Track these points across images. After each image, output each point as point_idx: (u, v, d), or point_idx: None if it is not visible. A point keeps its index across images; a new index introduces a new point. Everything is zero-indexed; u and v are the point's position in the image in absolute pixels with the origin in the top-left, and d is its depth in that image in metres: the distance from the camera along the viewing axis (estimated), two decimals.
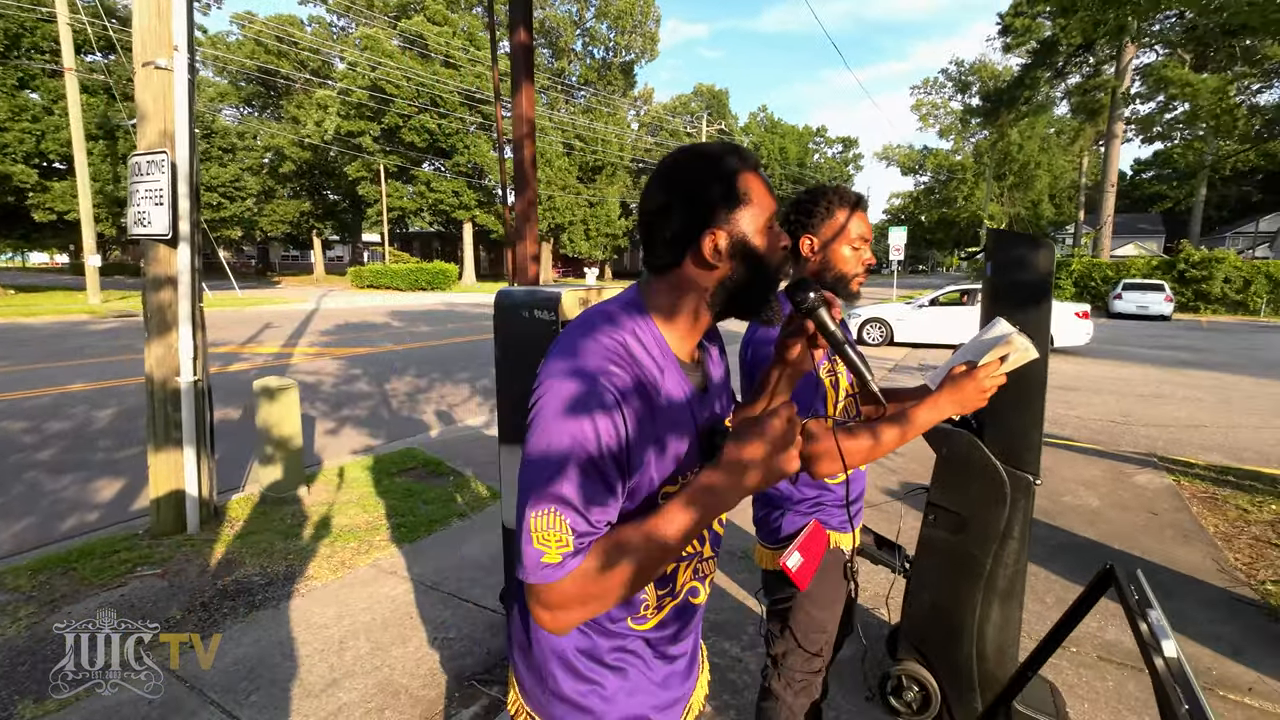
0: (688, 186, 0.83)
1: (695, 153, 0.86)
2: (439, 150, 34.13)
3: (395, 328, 14.65)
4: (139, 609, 2.77)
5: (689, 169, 0.84)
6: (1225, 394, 8.26)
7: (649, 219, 0.86)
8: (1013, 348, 1.28)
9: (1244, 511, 4.10)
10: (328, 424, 6.28)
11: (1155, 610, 1.22)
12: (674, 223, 0.83)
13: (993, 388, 1.29)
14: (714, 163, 0.83)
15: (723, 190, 0.82)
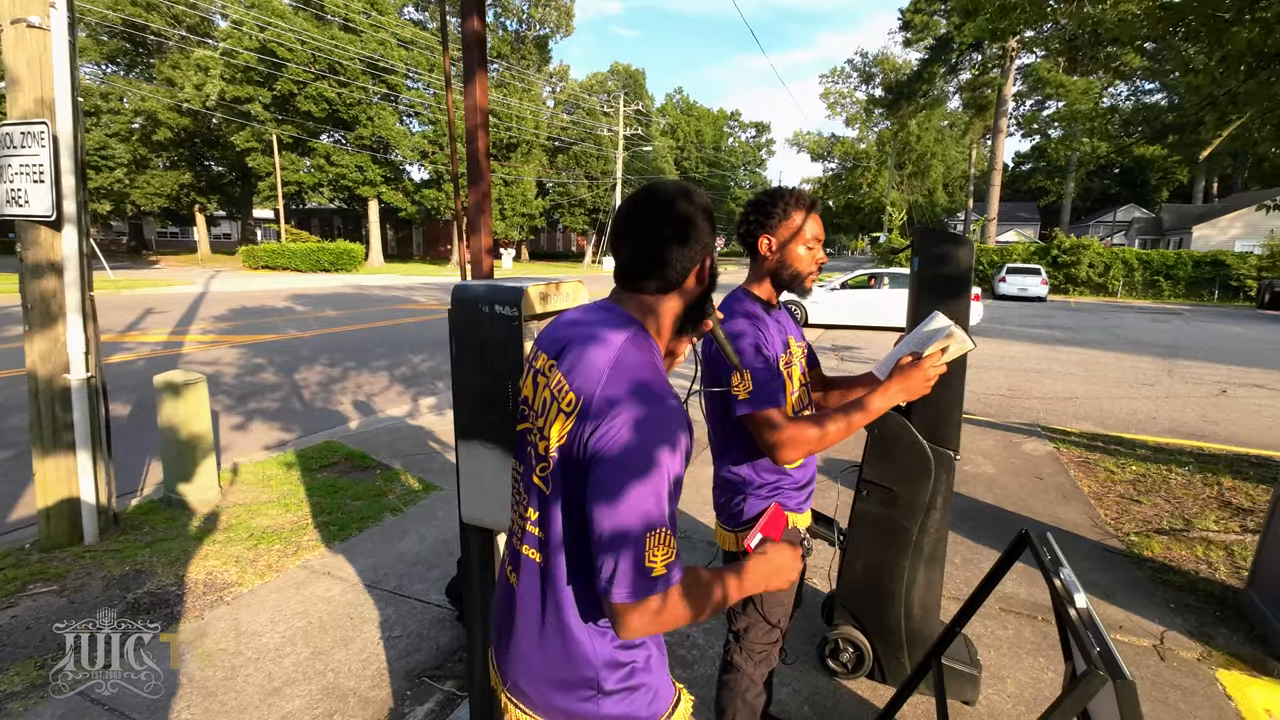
0: (704, 218, 0.99)
1: (687, 195, 1.00)
2: (340, 122, 31.94)
3: (299, 312, 13.74)
4: (35, 631, 2.51)
5: (697, 207, 0.98)
6: (1092, 369, 9.29)
7: (657, 245, 0.97)
8: (953, 340, 1.41)
9: (1111, 473, 4.68)
10: (234, 418, 5.85)
11: (1066, 569, 1.40)
12: (691, 249, 0.98)
13: (935, 376, 1.42)
14: (703, 207, 1.00)
15: (710, 226, 1.00)
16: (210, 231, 42.54)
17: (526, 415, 1.05)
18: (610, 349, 0.93)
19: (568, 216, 43.70)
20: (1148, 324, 15.59)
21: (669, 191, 0.99)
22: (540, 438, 0.97)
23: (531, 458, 1.00)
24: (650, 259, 0.98)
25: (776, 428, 1.37)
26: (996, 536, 3.59)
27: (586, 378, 0.91)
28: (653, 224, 0.97)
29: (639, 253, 0.98)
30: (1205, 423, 6.38)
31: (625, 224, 1.00)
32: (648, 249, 0.98)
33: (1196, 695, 2.38)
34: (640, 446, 0.85)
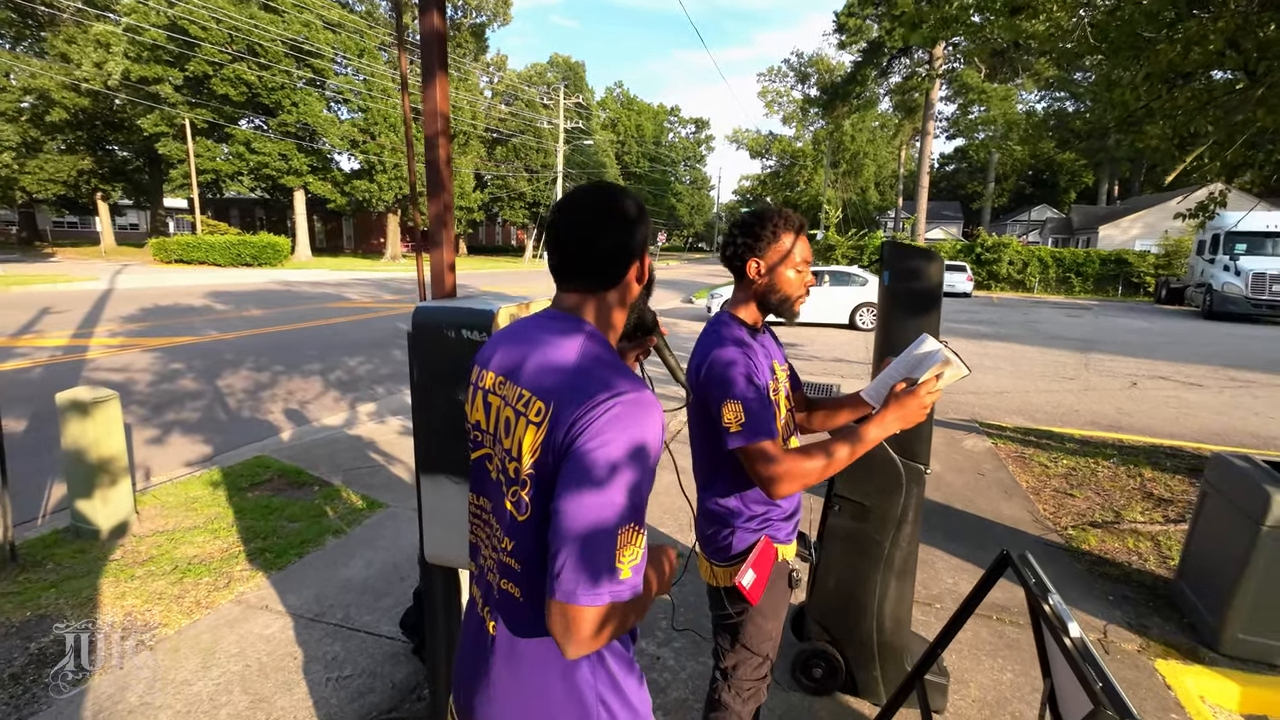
0: (639, 215, 0.98)
1: (624, 193, 1.00)
2: (261, 107, 30.11)
3: (220, 311, 12.86)
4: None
5: (633, 205, 0.98)
6: (1018, 363, 9.82)
7: (596, 242, 0.96)
8: (949, 366, 1.38)
9: (1045, 467, 4.92)
10: (149, 431, 5.38)
11: (1054, 594, 1.40)
12: (628, 245, 0.96)
13: (931, 403, 1.39)
14: (638, 205, 0.99)
15: (645, 224, 1.00)
16: (115, 222, 39.31)
17: (481, 441, 1.00)
18: (569, 349, 0.91)
19: (507, 210, 42.85)
20: (1063, 318, 16.65)
21: (604, 189, 0.99)
22: (510, 459, 0.90)
23: (500, 484, 0.93)
24: (590, 256, 0.96)
25: (772, 461, 1.31)
26: (949, 536, 3.69)
27: (552, 381, 0.88)
28: (591, 220, 0.96)
29: (579, 250, 0.96)
30: (1121, 414, 6.83)
31: (564, 222, 0.97)
32: (587, 246, 0.96)
33: (1140, 687, 2.50)
34: (619, 439, 0.81)
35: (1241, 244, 16.96)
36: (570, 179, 43.15)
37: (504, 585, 0.93)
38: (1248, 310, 16.05)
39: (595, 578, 0.77)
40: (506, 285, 22.31)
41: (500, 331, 1.06)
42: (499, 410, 0.94)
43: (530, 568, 0.89)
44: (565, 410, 0.84)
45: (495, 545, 0.95)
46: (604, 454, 0.80)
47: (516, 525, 0.89)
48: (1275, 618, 2.60)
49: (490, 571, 0.97)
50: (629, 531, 0.80)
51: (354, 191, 33.53)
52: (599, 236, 0.95)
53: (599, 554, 0.78)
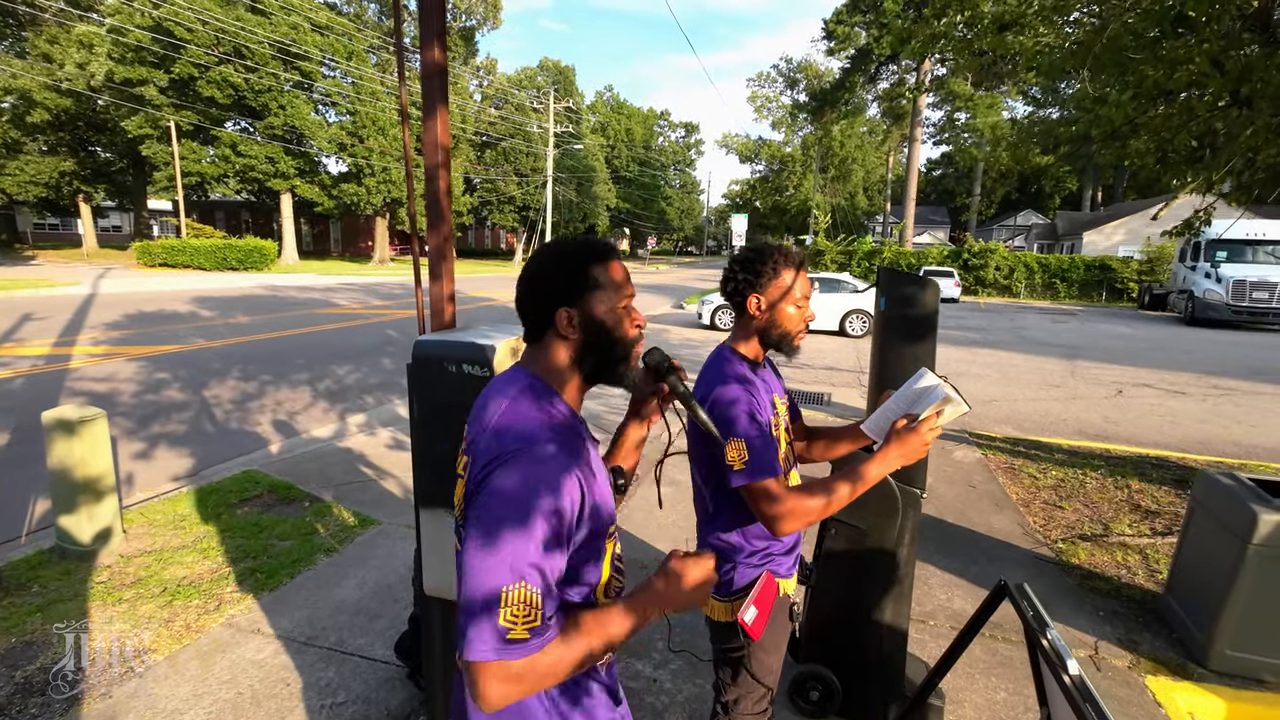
0: (556, 267, 1.02)
1: (554, 244, 1.04)
2: (248, 109, 29.84)
3: (206, 318, 12.71)
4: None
5: (555, 253, 1.03)
6: (1004, 370, 9.92)
7: (523, 297, 1.03)
8: (949, 403, 1.39)
9: (1034, 479, 4.97)
10: (135, 445, 5.30)
11: (1052, 629, 1.42)
12: (546, 297, 1.00)
13: (932, 440, 1.40)
14: (570, 255, 1.02)
15: (568, 277, 1.00)
16: (97, 224, 38.73)
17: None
18: (500, 403, 0.95)
19: (496, 214, 42.72)
20: (1049, 325, 16.85)
21: (544, 248, 1.05)
22: (457, 509, 0.97)
23: (459, 529, 0.98)
24: (522, 310, 1.04)
25: (776, 500, 1.32)
26: (942, 551, 3.72)
27: (476, 436, 0.93)
28: (522, 278, 1.03)
29: (517, 303, 1.04)
30: (1108, 423, 6.92)
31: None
32: (520, 301, 1.03)
33: (1132, 704, 2.52)
34: (504, 498, 0.83)
35: (1222, 251, 17.26)
36: (559, 183, 43.12)
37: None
38: (1228, 317, 16.32)
39: (481, 635, 0.78)
40: (496, 290, 22.23)
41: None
42: (461, 464, 1.00)
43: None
44: (473, 466, 0.90)
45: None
46: (487, 511, 0.82)
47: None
48: (1262, 634, 2.63)
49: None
50: (515, 590, 0.79)
51: (341, 195, 33.29)
52: (522, 289, 1.02)
53: (484, 612, 0.79)
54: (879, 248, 27.52)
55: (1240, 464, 5.49)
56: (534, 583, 0.81)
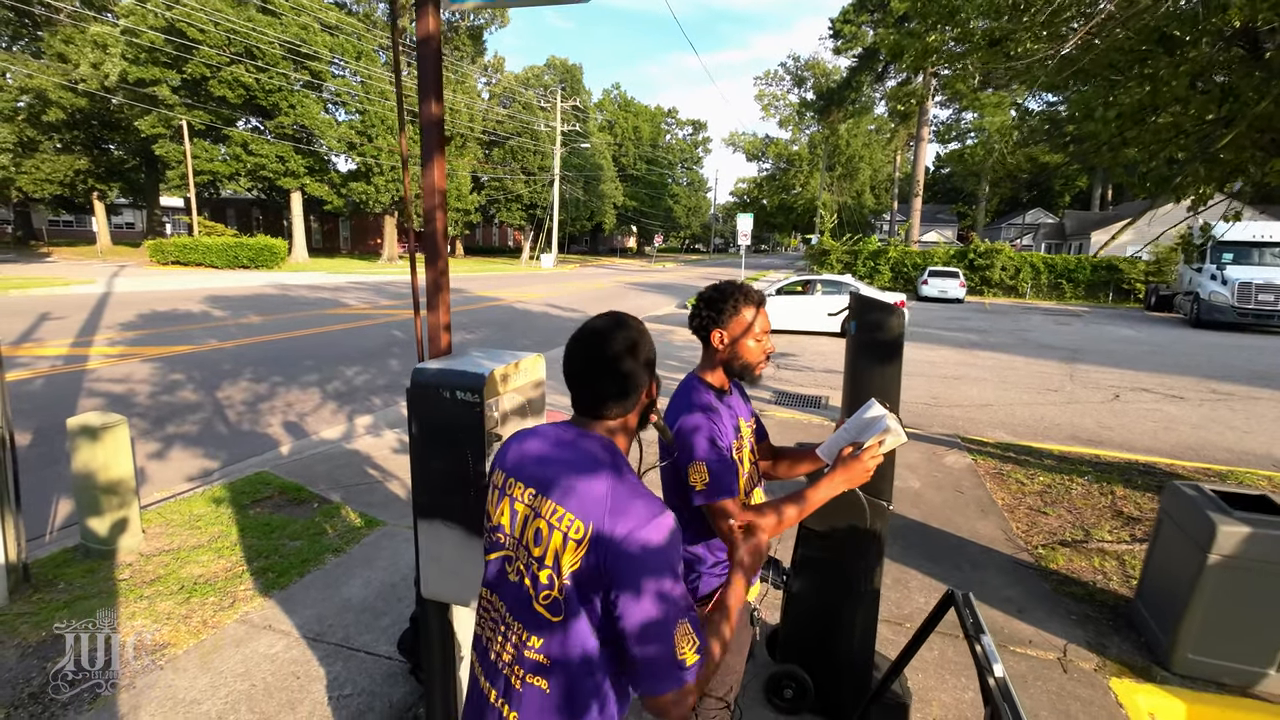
0: (648, 350, 1.18)
1: (634, 330, 1.17)
2: (258, 109, 30.16)
3: (218, 318, 12.96)
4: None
5: (644, 342, 1.17)
6: (1004, 374, 10.00)
7: (621, 384, 1.12)
8: (889, 434, 1.54)
9: (1021, 484, 5.09)
10: (152, 445, 5.51)
11: (986, 636, 1.56)
12: (643, 379, 1.16)
13: (874, 466, 1.55)
14: (644, 335, 1.18)
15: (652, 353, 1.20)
16: (111, 221, 39.33)
17: (502, 543, 1.11)
18: (602, 476, 1.04)
19: (504, 212, 42.95)
20: (1052, 326, 16.86)
21: (619, 336, 1.13)
22: (540, 567, 1.02)
23: (526, 586, 1.04)
24: (615, 395, 1.12)
25: (731, 517, 1.47)
26: (924, 555, 3.86)
27: (591, 505, 1.01)
28: (613, 366, 1.11)
29: (606, 390, 1.12)
30: (1102, 428, 7.01)
31: (586, 364, 1.12)
32: (612, 388, 1.12)
33: (1093, 705, 2.66)
34: (656, 556, 0.97)
35: (1229, 253, 17.21)
36: (567, 181, 43.28)
37: (530, 680, 1.02)
38: (1234, 319, 16.28)
39: (667, 674, 0.97)
40: (503, 289, 22.41)
41: (523, 436, 1.19)
42: (531, 521, 1.05)
43: (560, 665, 1.00)
44: (604, 533, 0.98)
45: (517, 642, 1.05)
46: (649, 572, 0.97)
47: (550, 625, 1.00)
48: (1222, 640, 2.76)
49: (508, 666, 1.06)
50: (683, 626, 0.98)
51: (351, 193, 33.60)
52: (622, 380, 1.12)
53: (667, 653, 0.97)
54: (884, 247, 27.51)
55: (1229, 470, 5.58)
56: (692, 619, 1.02)
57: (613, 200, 49.85)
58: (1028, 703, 2.65)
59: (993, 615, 3.27)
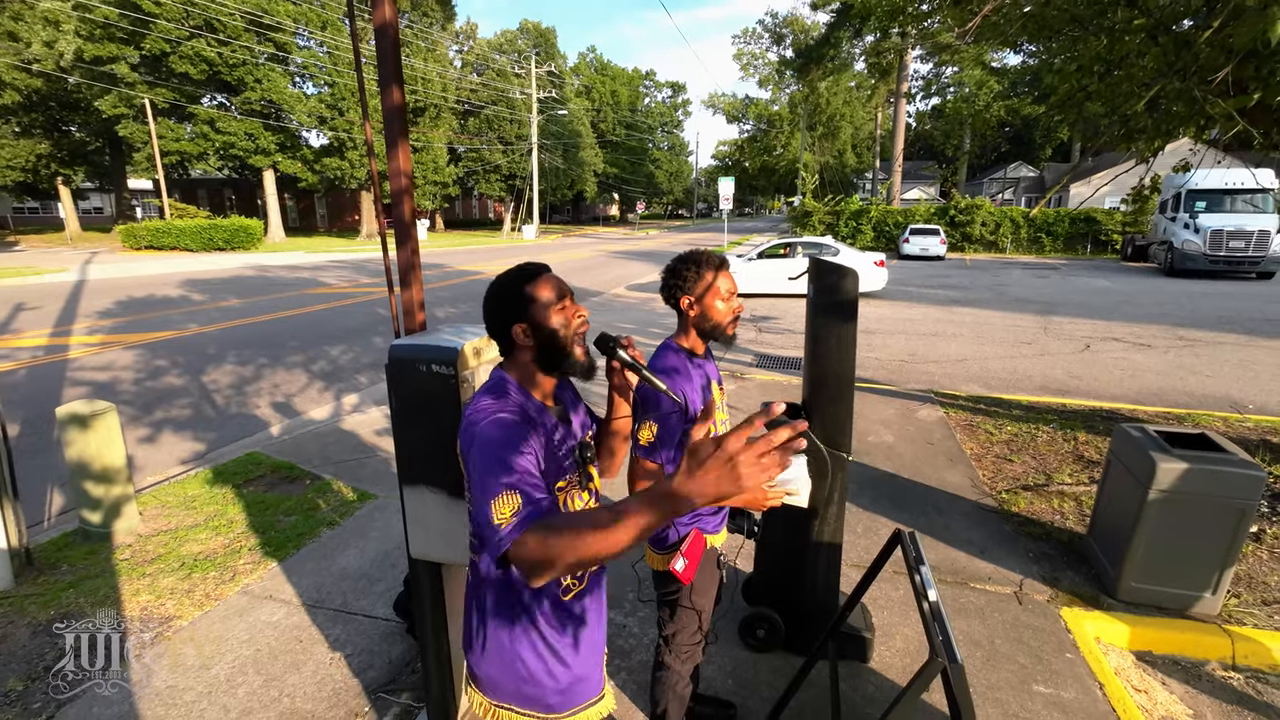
0: (505, 296, 1.34)
1: (501, 281, 1.35)
2: (223, 85, 29.22)
3: (197, 302, 12.85)
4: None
5: (501, 288, 1.34)
6: (980, 329, 10.22)
7: (491, 326, 1.36)
8: (798, 496, 1.65)
9: (990, 434, 5.30)
10: (142, 430, 5.57)
11: (925, 567, 1.72)
12: (503, 322, 1.33)
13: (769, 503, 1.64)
14: (509, 284, 1.33)
15: (514, 300, 1.33)
16: (78, 206, 38.26)
17: None
18: (479, 392, 1.32)
19: (483, 183, 42.28)
20: (1031, 280, 17.10)
21: (494, 281, 1.36)
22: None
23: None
24: (491, 333, 1.37)
25: (645, 476, 1.62)
26: (894, 504, 4.06)
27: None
28: (485, 309, 1.36)
29: (489, 327, 1.37)
30: (1071, 378, 7.25)
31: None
32: (488, 327, 1.37)
33: (1044, 632, 2.88)
34: (471, 439, 1.17)
35: (1201, 201, 17.42)
36: (545, 149, 42.56)
37: (469, 562, 1.39)
38: (1205, 267, 16.59)
39: (488, 537, 1.06)
40: (485, 263, 22.26)
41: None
42: None
43: (476, 555, 1.33)
44: (463, 440, 1.22)
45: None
46: (478, 458, 1.14)
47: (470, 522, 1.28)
48: (1161, 568, 2.98)
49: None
50: (500, 497, 1.07)
51: (325, 169, 32.88)
52: (486, 317, 1.36)
53: (485, 525, 1.07)
54: (866, 207, 27.51)
55: (1187, 413, 5.83)
56: (516, 488, 1.07)
57: (593, 168, 49.16)
58: (984, 631, 2.87)
59: (956, 556, 3.49)
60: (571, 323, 1.33)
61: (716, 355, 1.98)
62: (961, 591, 3.17)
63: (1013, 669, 2.63)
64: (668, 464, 1.65)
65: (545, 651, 1.28)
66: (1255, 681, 2.68)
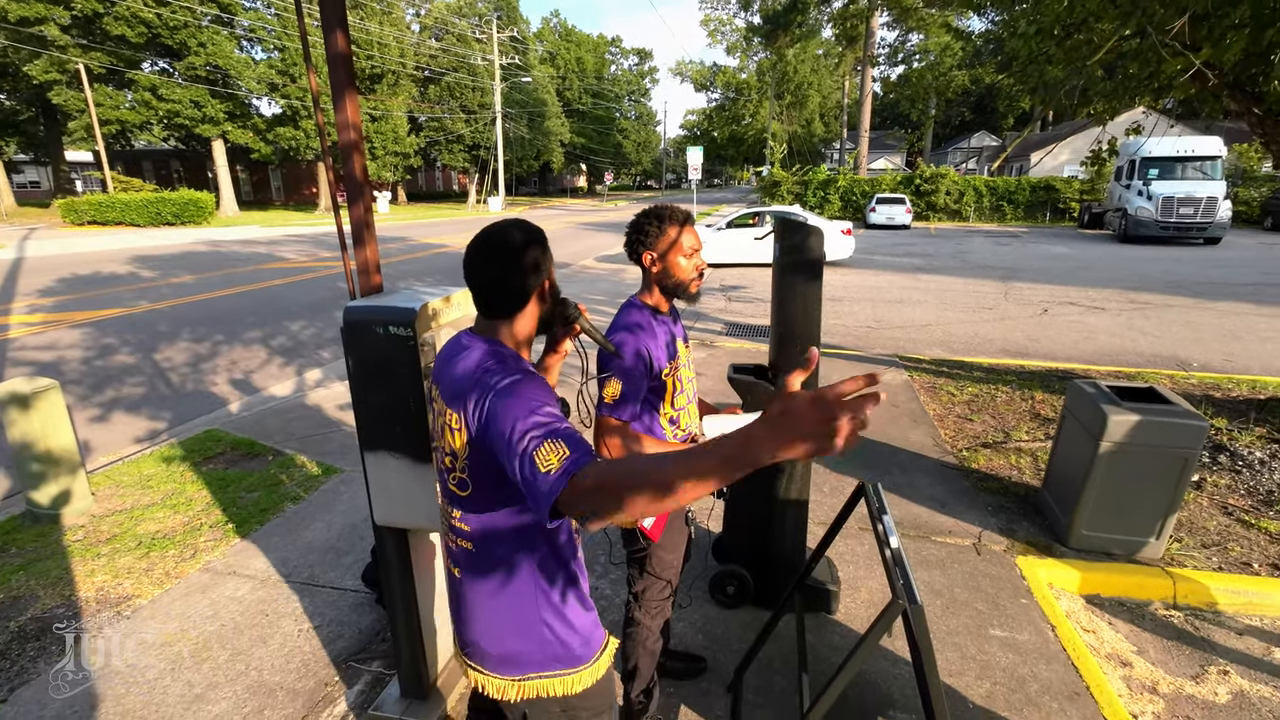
0: (537, 251, 1.22)
1: (522, 233, 1.21)
2: (165, 49, 27.65)
3: (147, 279, 12.31)
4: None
5: (530, 244, 1.21)
6: (943, 295, 10.41)
7: (504, 286, 1.20)
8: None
9: (951, 395, 5.44)
10: (92, 410, 5.36)
11: (888, 515, 1.76)
12: (529, 281, 1.21)
13: None
14: (533, 240, 1.21)
15: (543, 253, 1.24)
16: (12, 180, 36.06)
17: (435, 442, 1.30)
18: (469, 362, 1.17)
19: (446, 154, 41.12)
20: (992, 247, 17.45)
21: (503, 239, 1.19)
22: (447, 455, 1.21)
23: (444, 472, 1.25)
24: (501, 298, 1.21)
25: (616, 437, 1.61)
26: (861, 465, 4.15)
27: (457, 393, 1.14)
28: (499, 270, 1.19)
29: (492, 294, 1.21)
30: (1029, 341, 7.46)
31: (474, 270, 1.20)
32: (496, 291, 1.21)
33: (1001, 580, 3.00)
34: (510, 396, 1.06)
35: (1154, 169, 17.90)
36: (509, 119, 41.49)
37: (459, 543, 1.26)
38: (1157, 233, 17.13)
39: (538, 484, 0.93)
40: (450, 235, 21.78)
41: (441, 352, 1.30)
42: (438, 419, 1.23)
43: (480, 528, 1.21)
44: (468, 409, 1.11)
45: (449, 518, 1.28)
46: (505, 411, 1.04)
47: (460, 500, 1.22)
48: (1110, 516, 3.11)
49: (447, 534, 1.30)
50: (546, 444, 0.95)
51: (278, 139, 31.53)
52: (505, 282, 1.19)
53: (532, 472, 0.94)
54: (834, 176, 27.60)
55: (1137, 372, 6.06)
56: (555, 435, 0.96)
57: (560, 137, 48.14)
58: (944, 581, 2.97)
59: (919, 512, 3.59)
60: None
61: (687, 325, 1.97)
62: (924, 544, 3.27)
63: (971, 615, 2.73)
64: (632, 420, 1.63)
65: (566, 608, 1.25)
66: (1193, 618, 2.84)
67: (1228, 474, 3.84)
